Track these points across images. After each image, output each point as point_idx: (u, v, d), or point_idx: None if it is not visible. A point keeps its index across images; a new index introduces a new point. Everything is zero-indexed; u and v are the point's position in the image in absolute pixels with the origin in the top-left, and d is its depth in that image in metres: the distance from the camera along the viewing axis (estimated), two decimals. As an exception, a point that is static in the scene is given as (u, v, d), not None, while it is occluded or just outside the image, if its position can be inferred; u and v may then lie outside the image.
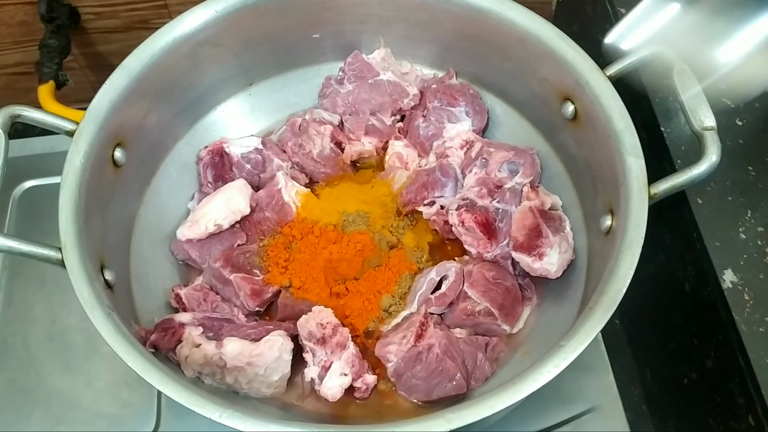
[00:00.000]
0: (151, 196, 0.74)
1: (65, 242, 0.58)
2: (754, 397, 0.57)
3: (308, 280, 0.70)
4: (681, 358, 0.71)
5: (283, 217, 0.73)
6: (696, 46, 0.67)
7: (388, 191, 0.76)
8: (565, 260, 0.67)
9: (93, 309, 0.55)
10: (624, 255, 0.56)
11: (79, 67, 0.97)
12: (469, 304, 0.67)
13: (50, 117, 0.64)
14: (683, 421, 0.71)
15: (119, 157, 0.67)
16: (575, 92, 0.67)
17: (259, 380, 0.63)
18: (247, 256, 0.71)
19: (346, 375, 0.63)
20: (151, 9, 0.91)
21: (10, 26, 0.90)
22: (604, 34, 0.76)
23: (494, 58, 0.75)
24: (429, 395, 0.63)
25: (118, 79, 0.67)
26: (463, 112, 0.77)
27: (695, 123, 0.59)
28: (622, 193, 0.60)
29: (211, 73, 0.76)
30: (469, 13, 0.72)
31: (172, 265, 0.74)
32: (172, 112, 0.75)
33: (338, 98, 0.80)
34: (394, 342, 0.65)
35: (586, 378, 0.71)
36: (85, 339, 0.75)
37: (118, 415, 0.71)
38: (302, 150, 0.78)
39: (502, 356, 0.67)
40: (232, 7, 0.71)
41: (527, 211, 0.68)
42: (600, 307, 0.54)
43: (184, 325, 0.64)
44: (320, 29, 0.78)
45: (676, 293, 0.71)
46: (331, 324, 0.65)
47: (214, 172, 0.76)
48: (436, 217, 0.74)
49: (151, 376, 0.53)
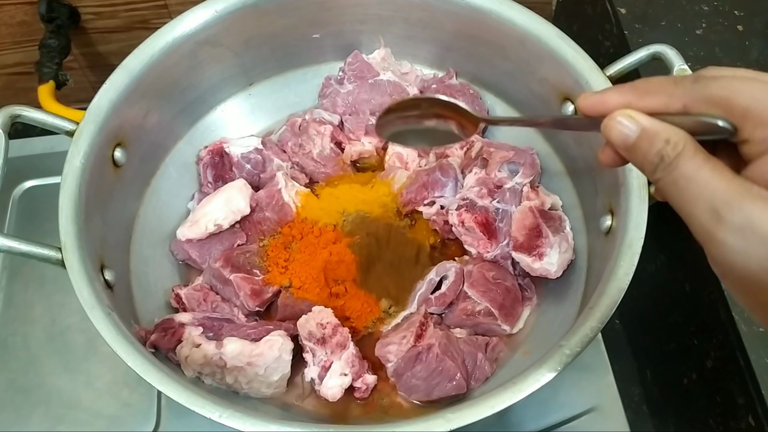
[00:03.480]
0: (151, 196, 0.74)
1: (65, 242, 0.58)
2: (754, 397, 0.57)
3: (308, 280, 0.70)
4: (681, 358, 0.71)
5: (283, 217, 0.73)
6: None
7: (388, 191, 0.76)
8: (565, 260, 0.67)
9: (93, 309, 0.55)
10: (624, 255, 0.56)
11: (79, 67, 0.97)
12: (469, 304, 0.67)
13: (50, 117, 0.64)
14: (683, 421, 0.71)
15: (119, 157, 0.67)
16: (575, 92, 0.67)
17: (259, 380, 0.63)
18: (247, 256, 0.71)
19: (346, 375, 0.63)
20: (151, 9, 0.90)
21: (10, 26, 0.90)
22: (604, 34, 0.76)
23: (494, 58, 0.75)
24: (429, 395, 0.63)
25: (118, 79, 0.67)
26: (463, 112, 0.77)
27: (695, 123, 0.59)
28: (622, 193, 0.60)
29: (211, 73, 0.76)
30: (469, 13, 0.72)
31: (172, 265, 0.74)
32: (172, 112, 0.75)
33: (338, 98, 0.80)
34: (394, 342, 0.65)
35: (586, 378, 0.71)
36: (85, 339, 0.75)
37: (118, 415, 0.71)
38: (302, 150, 0.78)
39: (502, 356, 0.67)
40: (232, 7, 0.71)
41: (527, 211, 0.68)
42: (600, 307, 0.54)
43: (184, 325, 0.64)
44: (320, 29, 0.78)
45: (676, 293, 0.70)
46: (331, 324, 0.65)
47: (214, 172, 0.76)
48: (436, 217, 0.74)
49: (151, 376, 0.53)
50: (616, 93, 0.37)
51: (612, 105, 0.37)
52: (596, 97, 0.38)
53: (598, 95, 0.38)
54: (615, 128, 0.36)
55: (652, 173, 0.35)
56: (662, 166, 0.34)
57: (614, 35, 0.80)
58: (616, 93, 0.37)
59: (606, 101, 0.37)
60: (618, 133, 0.36)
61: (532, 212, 0.68)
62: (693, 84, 0.35)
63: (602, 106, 0.37)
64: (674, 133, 0.35)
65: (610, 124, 0.36)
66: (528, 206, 0.68)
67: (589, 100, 0.38)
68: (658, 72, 0.68)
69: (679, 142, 0.34)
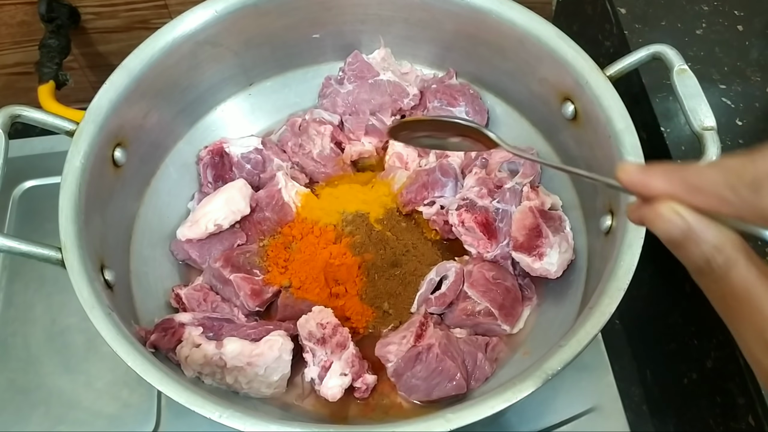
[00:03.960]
0: (151, 196, 0.74)
1: (65, 242, 0.58)
2: (754, 397, 0.57)
3: (308, 280, 0.70)
4: (681, 358, 0.71)
5: (283, 217, 0.73)
6: None
7: (388, 191, 0.76)
8: (565, 260, 0.67)
9: (93, 309, 0.55)
10: (624, 255, 0.56)
11: (79, 67, 0.97)
12: (469, 304, 0.67)
13: (50, 117, 0.64)
14: (683, 421, 0.71)
15: (119, 157, 0.67)
16: (575, 92, 0.67)
17: (259, 380, 0.63)
18: (247, 256, 0.71)
19: (346, 375, 0.63)
20: (151, 9, 0.90)
21: (10, 26, 0.90)
22: (604, 34, 0.76)
23: (494, 58, 0.75)
24: (429, 395, 0.63)
25: (118, 79, 0.67)
26: (463, 112, 0.77)
27: (695, 123, 0.59)
28: (622, 193, 0.60)
29: (211, 73, 0.76)
30: (469, 13, 0.72)
31: (172, 265, 0.74)
32: (172, 112, 0.75)
33: (338, 98, 0.80)
34: (394, 342, 0.65)
35: (586, 378, 0.71)
36: (85, 339, 0.75)
37: (118, 415, 0.71)
38: (302, 150, 0.78)
39: (502, 356, 0.67)
40: (232, 7, 0.71)
41: (527, 211, 0.68)
42: (600, 307, 0.54)
43: (184, 325, 0.64)
44: (320, 29, 0.78)
45: (676, 293, 0.70)
46: (331, 324, 0.65)
47: (214, 172, 0.76)
48: (436, 217, 0.73)
49: (151, 376, 0.53)
50: (663, 179, 0.33)
51: (656, 190, 0.33)
52: (639, 176, 0.34)
53: (642, 174, 0.34)
54: (659, 221, 0.33)
55: (697, 277, 0.33)
56: (710, 274, 0.32)
57: (614, 35, 0.80)
58: (662, 178, 0.33)
59: (650, 185, 0.34)
60: (662, 228, 0.33)
61: (532, 212, 0.68)
62: (752, 195, 0.30)
63: (645, 188, 0.34)
64: (725, 239, 0.31)
65: (654, 215, 0.33)
66: (528, 206, 0.68)
67: (631, 177, 0.35)
68: (658, 72, 0.68)
69: (731, 251, 0.31)
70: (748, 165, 0.31)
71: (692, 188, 0.32)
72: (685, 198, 0.32)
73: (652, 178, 0.34)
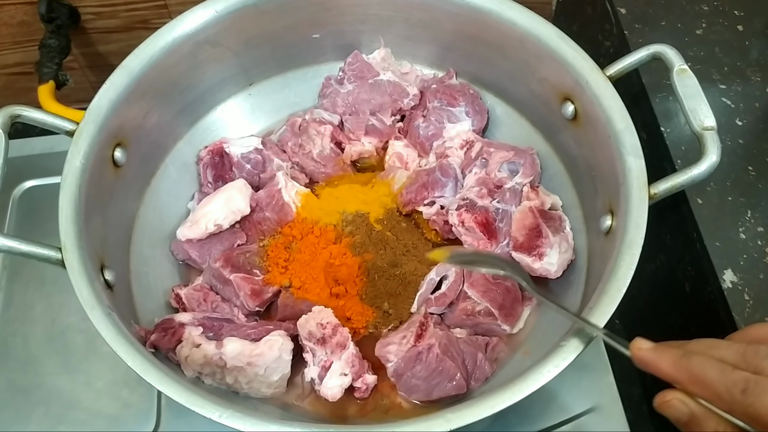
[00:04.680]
0: (151, 196, 0.74)
1: (65, 242, 0.58)
2: (754, 397, 0.57)
3: (308, 280, 0.70)
4: (681, 358, 0.70)
5: (283, 217, 0.73)
6: None
7: (388, 191, 0.76)
8: (565, 260, 0.67)
9: (93, 309, 0.55)
10: (624, 255, 0.56)
11: (79, 67, 0.97)
12: (469, 304, 0.67)
13: (50, 117, 0.64)
14: (683, 421, 0.71)
15: (119, 157, 0.67)
16: (575, 92, 0.67)
17: (259, 380, 0.63)
18: (247, 256, 0.71)
19: (346, 375, 0.63)
20: (151, 9, 0.91)
21: (10, 26, 0.90)
22: (604, 34, 0.76)
23: (494, 58, 0.75)
24: (429, 395, 0.63)
25: (118, 79, 0.67)
26: (463, 112, 0.77)
27: (695, 123, 0.59)
28: (622, 193, 0.60)
29: (211, 73, 0.76)
30: (469, 13, 0.72)
31: (172, 265, 0.74)
32: (172, 112, 0.75)
33: (338, 98, 0.80)
34: (394, 342, 0.65)
35: (586, 378, 0.71)
36: (85, 339, 0.75)
37: (118, 415, 0.71)
38: (302, 150, 0.78)
39: (502, 356, 0.67)
40: (232, 7, 0.71)
41: (527, 211, 0.68)
42: (600, 307, 0.54)
43: (184, 325, 0.64)
44: (320, 29, 0.78)
45: (676, 293, 0.70)
46: (331, 324, 0.65)
47: (214, 172, 0.76)
48: (436, 217, 0.73)
49: (151, 376, 0.53)
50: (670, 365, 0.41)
51: (664, 372, 0.41)
52: (651, 356, 0.42)
53: (654, 355, 0.42)
54: (668, 408, 0.41)
55: None
56: None
57: (614, 35, 0.80)
58: (670, 364, 0.41)
59: (659, 366, 0.41)
60: (671, 414, 0.40)
61: (532, 212, 0.68)
62: (741, 396, 0.37)
63: (654, 368, 0.42)
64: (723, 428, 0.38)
65: (664, 403, 0.41)
66: (528, 206, 0.68)
67: (644, 356, 0.43)
68: (658, 72, 0.68)
69: None
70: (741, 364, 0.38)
71: (695, 380, 0.39)
72: (687, 388, 0.40)
73: (662, 362, 0.41)
